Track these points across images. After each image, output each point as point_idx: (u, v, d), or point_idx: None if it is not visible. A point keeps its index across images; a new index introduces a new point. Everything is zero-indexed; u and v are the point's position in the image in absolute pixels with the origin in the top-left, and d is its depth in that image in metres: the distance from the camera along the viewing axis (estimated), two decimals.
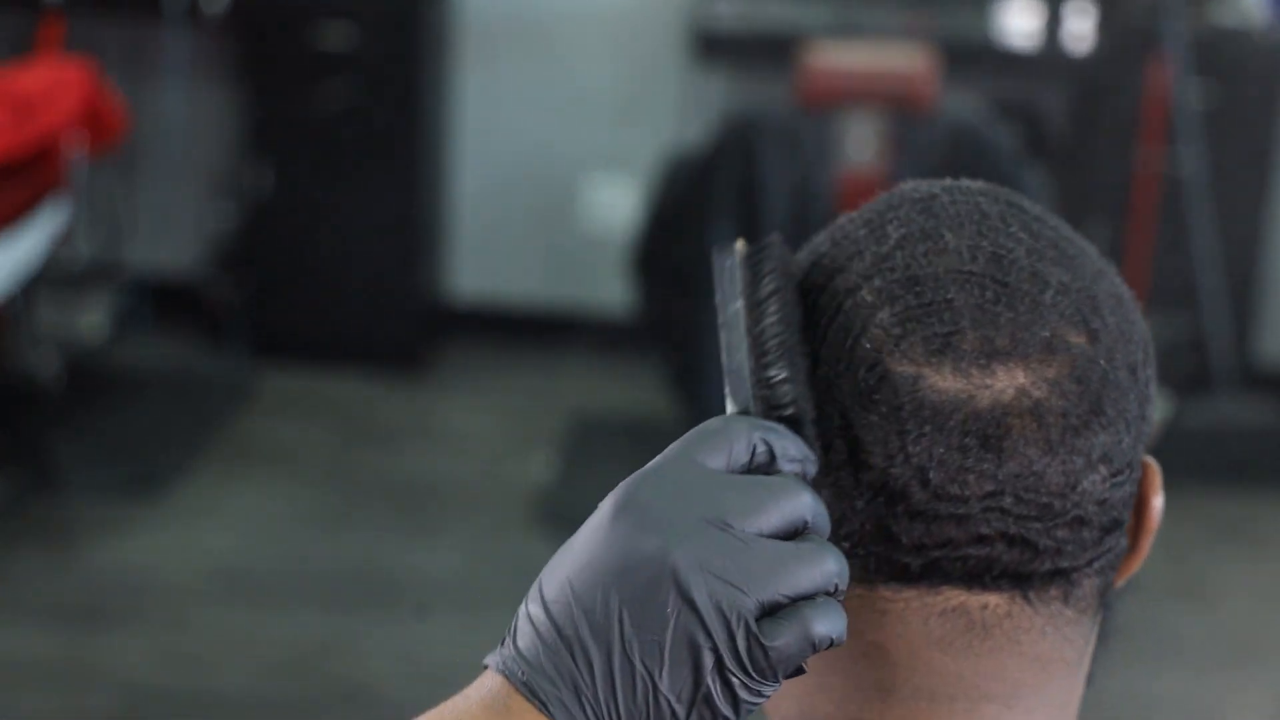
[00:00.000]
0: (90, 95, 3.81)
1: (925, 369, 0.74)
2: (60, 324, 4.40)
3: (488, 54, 4.90)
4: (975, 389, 0.73)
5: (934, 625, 0.76)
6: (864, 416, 0.74)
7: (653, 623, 0.68)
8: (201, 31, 4.72)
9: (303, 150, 4.69)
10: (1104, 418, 0.75)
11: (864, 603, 0.76)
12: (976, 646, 0.76)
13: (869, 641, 0.77)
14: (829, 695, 0.78)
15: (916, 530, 0.74)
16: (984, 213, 0.78)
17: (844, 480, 0.75)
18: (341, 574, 3.74)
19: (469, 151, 4.95)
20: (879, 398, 0.74)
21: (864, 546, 0.75)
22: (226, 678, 3.31)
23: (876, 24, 4.58)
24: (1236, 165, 4.50)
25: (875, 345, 0.74)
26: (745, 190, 3.60)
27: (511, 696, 0.69)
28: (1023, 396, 0.73)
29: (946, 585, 0.75)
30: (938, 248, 0.76)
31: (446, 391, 4.81)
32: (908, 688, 0.77)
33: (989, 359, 0.73)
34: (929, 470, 0.73)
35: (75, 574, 3.67)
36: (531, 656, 0.69)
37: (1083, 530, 0.75)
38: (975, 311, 0.74)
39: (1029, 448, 0.73)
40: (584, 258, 4.97)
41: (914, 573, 0.75)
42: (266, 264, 4.77)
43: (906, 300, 0.75)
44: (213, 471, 4.17)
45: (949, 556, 0.75)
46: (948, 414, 0.73)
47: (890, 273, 0.76)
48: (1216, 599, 3.80)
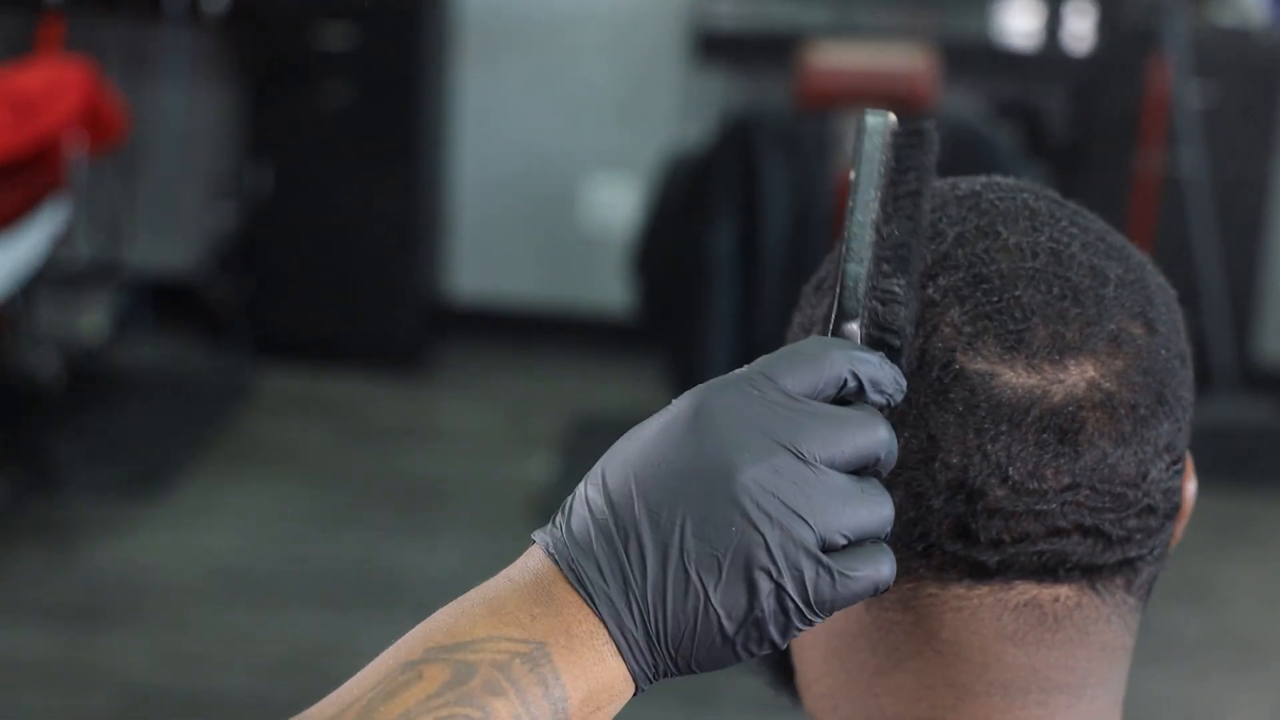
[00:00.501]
0: (90, 95, 3.81)
1: (999, 366, 0.74)
2: (60, 324, 4.40)
3: (488, 54, 4.90)
4: (1049, 384, 0.74)
5: (1007, 620, 0.77)
6: (939, 415, 0.75)
7: (714, 537, 0.67)
8: (201, 31, 4.72)
9: (303, 150, 4.69)
10: (1166, 407, 0.77)
11: (937, 601, 0.77)
12: (1048, 639, 0.77)
13: (942, 640, 0.77)
14: (898, 695, 0.79)
15: (995, 527, 0.75)
16: (1032, 208, 0.79)
17: (920, 480, 0.75)
18: (341, 574, 3.74)
19: (469, 151, 4.95)
20: (954, 396, 0.74)
21: (940, 546, 0.76)
22: (226, 678, 3.31)
23: (876, 24, 4.58)
24: (1236, 165, 4.50)
25: (947, 344, 0.75)
26: (745, 190, 3.60)
27: (556, 585, 0.68)
28: (1094, 390, 0.75)
29: (1020, 580, 0.76)
30: (998, 245, 0.77)
31: (446, 391, 4.81)
32: (981, 684, 0.78)
33: (1060, 354, 0.74)
34: (1008, 467, 0.74)
35: (75, 574, 3.67)
36: (584, 542, 0.68)
37: (1150, 519, 0.77)
38: (1043, 308, 0.75)
39: (1103, 440, 0.75)
40: (584, 258, 4.97)
41: (990, 569, 0.76)
42: (266, 264, 4.77)
43: (975, 299, 0.75)
44: (213, 471, 4.17)
45: (1026, 551, 0.75)
46: (1024, 410, 0.74)
47: (954, 271, 0.76)
48: (1217, 599, 3.80)
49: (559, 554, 0.68)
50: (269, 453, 4.30)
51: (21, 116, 3.62)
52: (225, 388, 4.64)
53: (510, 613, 0.67)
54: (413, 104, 4.67)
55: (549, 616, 0.67)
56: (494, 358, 4.97)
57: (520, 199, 4.99)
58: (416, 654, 0.66)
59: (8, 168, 3.64)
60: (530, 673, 0.66)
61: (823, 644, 0.81)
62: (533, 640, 0.66)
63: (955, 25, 4.65)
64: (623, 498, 0.68)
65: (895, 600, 0.78)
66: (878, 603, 0.78)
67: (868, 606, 0.78)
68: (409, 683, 0.65)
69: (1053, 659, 0.77)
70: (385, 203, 4.71)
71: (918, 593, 0.77)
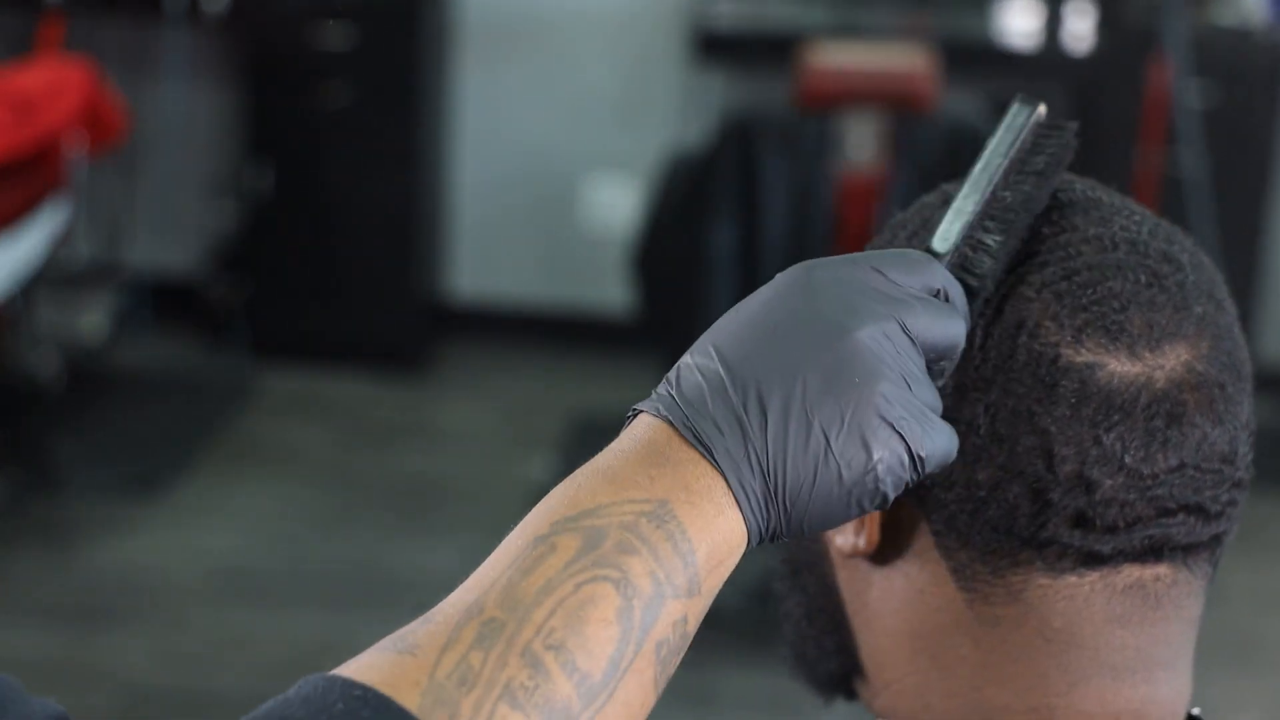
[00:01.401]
0: (90, 95, 3.81)
1: (1104, 357, 0.76)
2: (60, 324, 4.40)
3: (488, 54, 4.90)
4: (1151, 371, 0.77)
5: (1115, 603, 0.79)
6: (1051, 411, 0.76)
7: (837, 389, 0.69)
8: (201, 31, 4.72)
9: (303, 150, 4.69)
10: (1244, 383, 0.80)
11: (1049, 592, 0.79)
12: (1150, 617, 0.79)
13: (1054, 629, 0.79)
14: (1005, 687, 0.80)
15: (1111, 514, 0.77)
16: (1093, 199, 0.82)
17: (1040, 475, 0.77)
18: (341, 574, 3.74)
19: (469, 151, 4.95)
20: (1063, 391, 0.76)
21: (1058, 538, 0.77)
22: (226, 678, 3.31)
23: (876, 24, 4.58)
24: (1236, 165, 4.50)
25: (1050, 340, 0.77)
26: (745, 190, 3.60)
27: (671, 444, 0.69)
28: (1190, 372, 0.77)
29: (1126, 563, 0.78)
30: (1078, 238, 0.79)
31: (446, 391, 4.81)
32: (1093, 667, 0.79)
33: (1158, 341, 0.77)
34: (1123, 455, 0.76)
35: (75, 574, 3.67)
36: (698, 402, 0.69)
37: (1237, 492, 0.80)
38: (1135, 297, 0.77)
39: (1203, 420, 0.77)
40: (584, 258, 4.97)
41: (1104, 556, 0.78)
42: (266, 264, 4.77)
43: (1073, 293, 0.77)
44: (213, 471, 4.17)
45: (1138, 534, 0.77)
46: (1133, 398, 0.76)
47: (1045, 268, 0.78)
48: (1217, 599, 3.78)
49: (672, 415, 0.70)
50: (269, 453, 4.29)
51: (21, 116, 3.62)
52: (225, 388, 4.64)
53: (628, 478, 0.69)
54: (413, 104, 4.67)
55: (667, 476, 0.68)
56: (494, 358, 4.96)
57: (520, 199, 4.99)
58: (544, 529, 0.68)
59: (8, 168, 3.64)
60: (658, 529, 0.67)
61: (908, 643, 0.82)
62: (655, 499, 0.68)
63: (955, 25, 4.65)
64: (739, 358, 0.70)
65: (1003, 594, 0.79)
66: (983, 598, 0.79)
67: (970, 603, 0.80)
68: (543, 556, 0.66)
69: (1155, 636, 0.80)
70: (385, 203, 4.71)
71: (1028, 585, 0.78)
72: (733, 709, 3.33)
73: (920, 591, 0.81)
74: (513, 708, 0.63)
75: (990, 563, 0.79)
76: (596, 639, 0.65)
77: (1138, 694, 0.80)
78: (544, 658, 0.64)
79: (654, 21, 4.85)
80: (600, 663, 0.65)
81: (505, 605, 0.65)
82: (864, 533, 0.82)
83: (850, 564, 0.84)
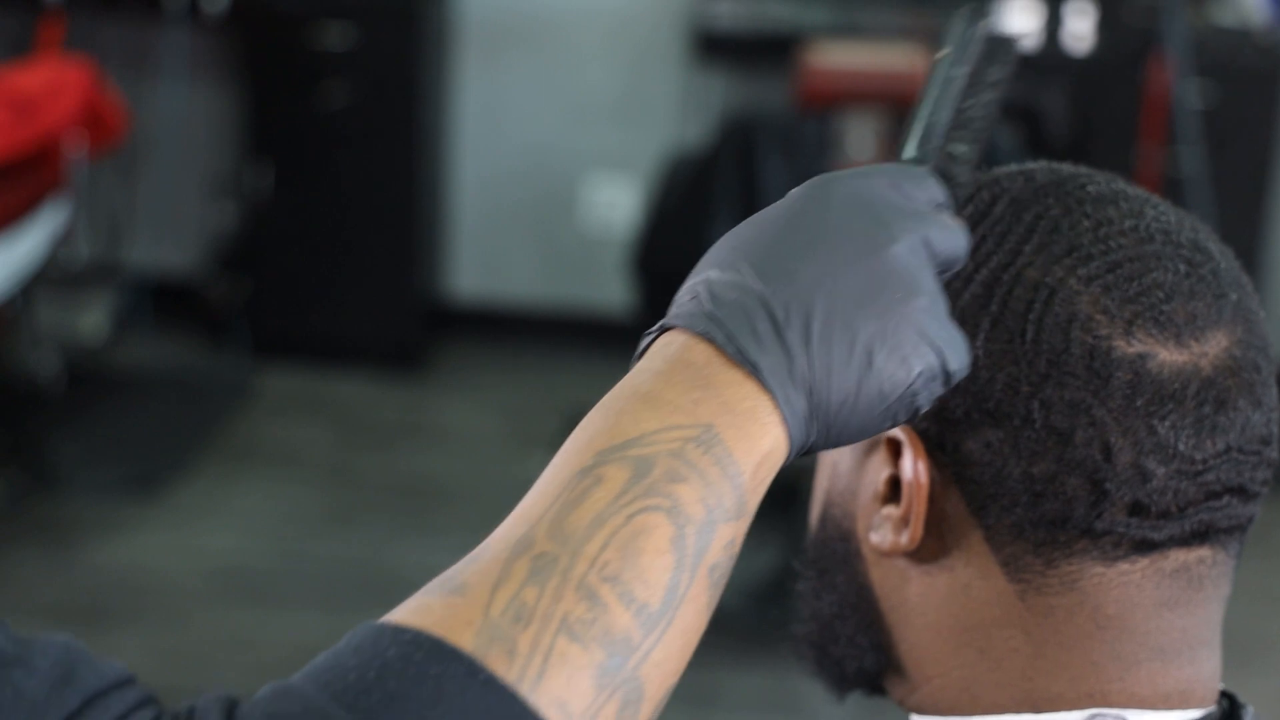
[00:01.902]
0: (90, 95, 3.81)
1: (1155, 347, 0.78)
2: (60, 324, 4.40)
3: (488, 54, 4.90)
4: (1196, 358, 0.78)
5: (1164, 588, 0.80)
6: (1107, 403, 0.77)
7: (879, 306, 0.69)
8: (201, 31, 4.72)
9: (303, 150, 4.69)
10: (1273, 366, 0.82)
11: (1103, 581, 0.80)
12: (1194, 599, 0.81)
13: (1107, 616, 0.80)
14: (1058, 675, 0.81)
15: (1165, 500, 0.78)
16: (1119, 191, 0.83)
17: (1098, 467, 0.78)
18: (341, 574, 3.74)
19: (469, 151, 4.95)
20: (1117, 383, 0.77)
21: (1115, 528, 0.79)
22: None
23: (876, 24, 4.58)
24: (1236, 165, 4.50)
25: (1103, 333, 0.78)
26: (745, 190, 3.60)
27: (712, 364, 0.69)
28: (1230, 358, 0.79)
29: (1174, 547, 0.80)
30: (1115, 230, 0.80)
31: (446, 391, 4.81)
32: (1144, 652, 0.81)
33: (1201, 329, 0.78)
34: (1177, 442, 0.78)
35: (75, 574, 3.67)
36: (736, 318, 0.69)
37: (1269, 472, 0.82)
38: (1176, 286, 0.79)
39: (1245, 404, 0.79)
40: (584, 257, 4.97)
41: (1156, 542, 0.79)
42: (266, 264, 4.77)
43: (1120, 285, 0.78)
44: (213, 471, 4.17)
45: (1189, 519, 0.79)
46: (1183, 386, 0.78)
47: (1089, 261, 0.79)
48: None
49: (712, 333, 0.69)
50: (269, 453, 4.29)
51: (21, 116, 3.62)
52: (225, 388, 4.64)
53: (669, 402, 0.68)
54: (413, 104, 4.67)
55: (710, 399, 0.68)
56: (494, 358, 4.96)
57: (520, 199, 4.99)
58: (587, 460, 0.67)
59: (8, 168, 3.64)
60: (705, 454, 0.67)
61: (952, 638, 0.83)
62: (700, 424, 0.67)
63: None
64: (776, 274, 0.69)
65: (1057, 584, 0.80)
66: (1035, 589, 0.80)
67: (1022, 594, 0.81)
68: (590, 488, 0.66)
69: (1198, 617, 0.82)
70: (385, 203, 4.71)
71: (1083, 574, 0.80)
72: (733, 709, 3.33)
73: (966, 586, 0.82)
74: (572, 640, 0.63)
75: (1044, 554, 0.80)
76: (652, 568, 0.65)
77: (1184, 674, 0.82)
78: (600, 590, 0.64)
79: (654, 21, 4.85)
80: (658, 592, 0.65)
81: (556, 539, 0.64)
82: (907, 530, 0.82)
83: (885, 562, 0.85)
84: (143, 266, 4.77)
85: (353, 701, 0.61)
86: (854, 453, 0.86)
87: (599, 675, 0.63)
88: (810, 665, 0.92)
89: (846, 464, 0.87)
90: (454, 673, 0.62)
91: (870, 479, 0.85)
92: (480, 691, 0.61)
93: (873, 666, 0.88)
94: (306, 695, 0.62)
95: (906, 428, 0.81)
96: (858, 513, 0.86)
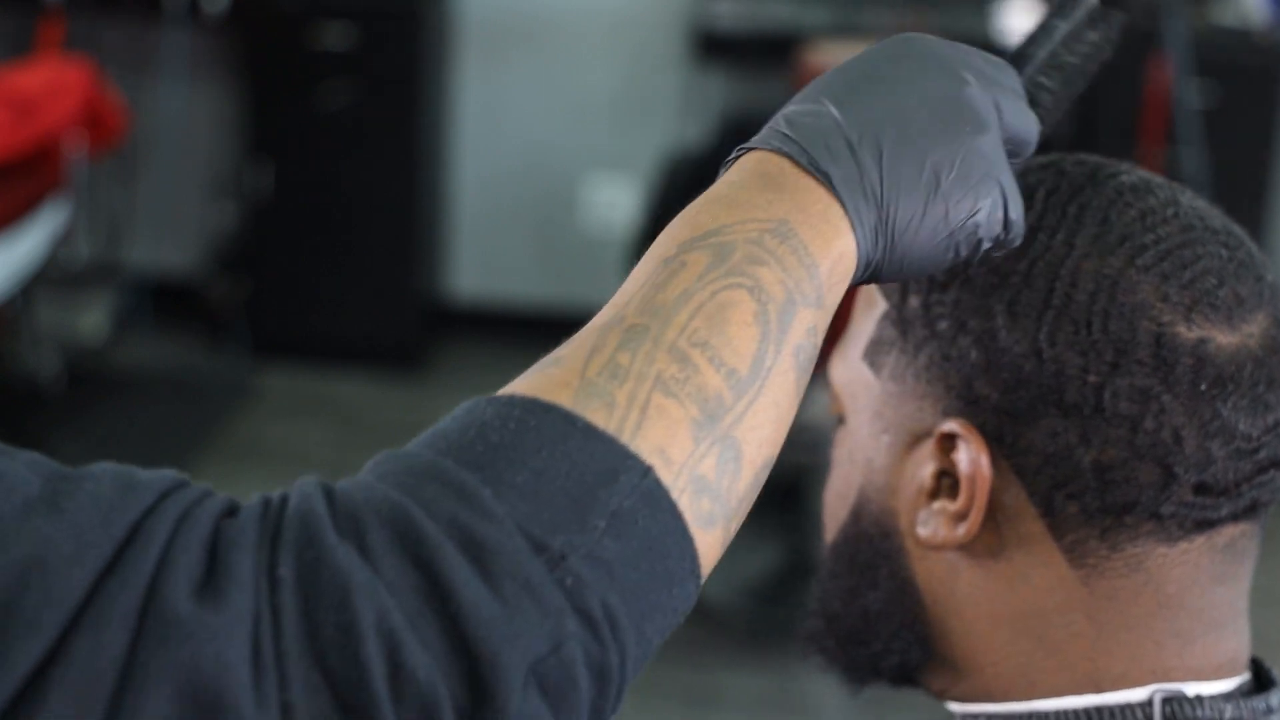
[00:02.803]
0: (90, 95, 3.81)
1: (1211, 331, 0.80)
2: (60, 324, 4.40)
3: (488, 54, 4.90)
4: (1246, 339, 0.81)
5: (1217, 563, 0.83)
6: (1172, 388, 0.79)
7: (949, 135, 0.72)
8: (201, 31, 4.72)
9: (303, 150, 4.69)
10: None
11: (1166, 560, 0.82)
12: (1238, 572, 0.84)
13: (1168, 594, 0.83)
14: (1119, 655, 0.83)
15: (1226, 479, 0.80)
16: (1148, 179, 0.85)
17: (1168, 451, 0.80)
18: None
19: (469, 151, 4.95)
20: (1181, 369, 0.79)
21: (1180, 510, 0.81)
22: None
23: (876, 24, 4.58)
24: (1236, 165, 4.50)
25: (1165, 320, 0.80)
26: None
27: (785, 173, 0.71)
28: (1270, 337, 0.82)
29: (1227, 523, 0.82)
30: (1159, 219, 0.82)
31: (446, 391, 4.81)
32: (1199, 627, 0.84)
33: (1247, 311, 0.81)
34: (1238, 422, 0.80)
35: None
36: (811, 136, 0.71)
37: None
38: (1221, 270, 0.81)
39: None
40: (584, 257, 4.97)
41: (1216, 520, 0.82)
42: (266, 264, 4.77)
43: (1175, 272, 0.80)
44: (213, 471, 4.17)
45: (1245, 495, 0.82)
46: (1239, 368, 0.80)
47: (1143, 250, 0.81)
48: None
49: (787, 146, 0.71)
50: (269, 453, 4.29)
51: (21, 116, 3.62)
52: (225, 388, 4.64)
53: (745, 202, 0.70)
54: (413, 104, 4.67)
55: (785, 199, 0.70)
56: (494, 358, 4.96)
57: (520, 199, 4.99)
58: (670, 251, 0.69)
59: (8, 168, 3.64)
60: (782, 244, 0.68)
61: (1008, 626, 0.84)
62: (775, 219, 0.69)
63: (955, 25, 4.65)
64: (852, 103, 0.72)
65: (1122, 567, 0.82)
66: (1099, 574, 0.82)
67: (1085, 579, 0.82)
68: (676, 271, 0.68)
69: (1239, 589, 0.85)
70: (385, 203, 4.71)
71: (1149, 556, 0.82)
72: (733, 709, 3.33)
73: (1023, 574, 0.84)
74: (667, 396, 0.64)
75: (1110, 539, 0.82)
76: (739, 338, 0.66)
77: (1231, 645, 0.85)
78: (691, 354, 0.65)
79: (654, 21, 4.85)
80: (746, 360, 0.66)
81: (645, 313, 0.66)
82: (964, 523, 0.83)
83: (932, 555, 0.86)
84: (143, 266, 4.77)
85: (456, 455, 0.62)
86: (891, 449, 0.87)
87: (695, 429, 0.64)
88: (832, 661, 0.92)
89: (883, 460, 0.87)
90: (553, 422, 0.63)
91: (912, 474, 0.85)
92: (581, 438, 0.62)
93: (916, 660, 0.89)
94: (410, 453, 0.63)
95: (963, 422, 0.82)
96: (899, 508, 0.86)
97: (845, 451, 0.90)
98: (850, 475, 0.89)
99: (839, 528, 0.90)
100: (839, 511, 0.90)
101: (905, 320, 0.86)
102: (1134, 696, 0.82)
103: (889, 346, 0.86)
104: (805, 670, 3.35)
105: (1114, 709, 0.82)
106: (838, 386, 0.91)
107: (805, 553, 3.64)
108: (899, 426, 0.86)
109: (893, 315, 0.86)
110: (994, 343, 0.82)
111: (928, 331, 0.84)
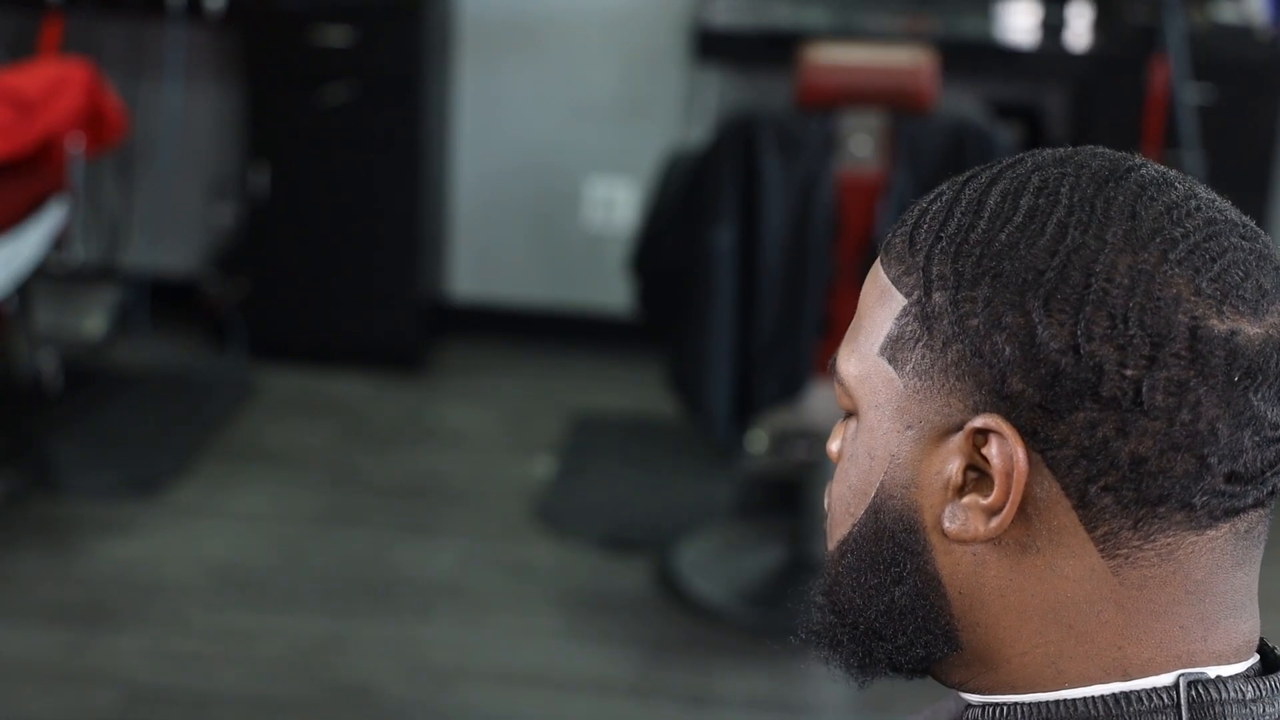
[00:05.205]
0: (90, 95, 3.81)
1: (1240, 322, 0.81)
2: (60, 324, 4.40)
3: (488, 54, 4.90)
4: (1269, 330, 0.82)
5: (1238, 549, 0.85)
6: (1207, 380, 0.81)
7: None
8: (201, 31, 4.72)
9: (303, 150, 4.68)
10: None
11: (1195, 549, 0.84)
12: (1254, 555, 0.87)
13: (1195, 581, 0.85)
14: (1147, 642, 0.85)
15: (1254, 467, 0.82)
16: (1164, 173, 0.87)
17: (1203, 441, 0.81)
18: (341, 574, 3.73)
19: (469, 151, 4.95)
20: (1214, 362, 0.81)
21: (1211, 500, 0.82)
22: (226, 678, 3.31)
23: (876, 24, 4.58)
24: (1236, 165, 4.50)
25: (1198, 313, 0.81)
26: (745, 190, 3.60)
27: None
28: None
29: (1250, 510, 0.85)
30: (1183, 213, 0.84)
31: (446, 391, 4.81)
32: (1222, 611, 0.86)
33: (1271, 300, 0.83)
34: (1267, 411, 0.82)
35: (75, 574, 3.67)
36: None
37: None
38: (1243, 262, 0.83)
39: None
40: (584, 258, 4.97)
41: (1243, 508, 0.83)
42: (266, 264, 4.77)
43: (1206, 265, 0.82)
44: (213, 471, 4.17)
45: (1269, 482, 0.84)
46: (1266, 358, 0.82)
47: (1175, 244, 0.82)
48: None
49: None
50: (269, 453, 4.29)
51: (21, 116, 3.62)
52: (225, 388, 4.63)
53: None
54: (413, 103, 4.67)
55: None
56: (494, 358, 4.96)
57: (520, 199, 4.99)
58: None
59: (8, 168, 3.64)
60: None
61: (1037, 617, 0.85)
62: None
63: (955, 25, 4.65)
64: None
65: (1153, 556, 0.83)
66: (1130, 563, 0.83)
67: (1116, 569, 0.84)
68: None
69: (1254, 572, 0.87)
70: (385, 203, 4.71)
71: (1179, 544, 0.83)
72: (733, 709, 3.33)
73: (1053, 566, 0.85)
74: None
75: (1142, 529, 0.83)
76: None
77: (1248, 626, 0.87)
78: None
79: (654, 21, 4.85)
80: None
81: None
82: (996, 517, 0.84)
83: (957, 549, 0.86)
84: (142, 266, 4.77)
85: None
86: (916, 444, 0.87)
87: None
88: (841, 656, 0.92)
89: (907, 455, 0.87)
90: None
91: (938, 469, 0.86)
92: None
93: (940, 653, 0.89)
94: None
95: (996, 417, 0.83)
96: (923, 503, 0.87)
97: (862, 447, 0.89)
98: (870, 471, 0.89)
99: (855, 523, 0.90)
100: (855, 507, 0.90)
101: (929, 316, 0.85)
102: (1160, 682, 0.84)
103: (912, 342, 0.86)
104: (805, 670, 3.35)
105: (1140, 694, 0.84)
106: (850, 382, 0.90)
107: (805, 553, 3.64)
108: (924, 422, 0.86)
109: (915, 311, 0.86)
110: (1030, 338, 0.82)
111: (957, 328, 0.84)
